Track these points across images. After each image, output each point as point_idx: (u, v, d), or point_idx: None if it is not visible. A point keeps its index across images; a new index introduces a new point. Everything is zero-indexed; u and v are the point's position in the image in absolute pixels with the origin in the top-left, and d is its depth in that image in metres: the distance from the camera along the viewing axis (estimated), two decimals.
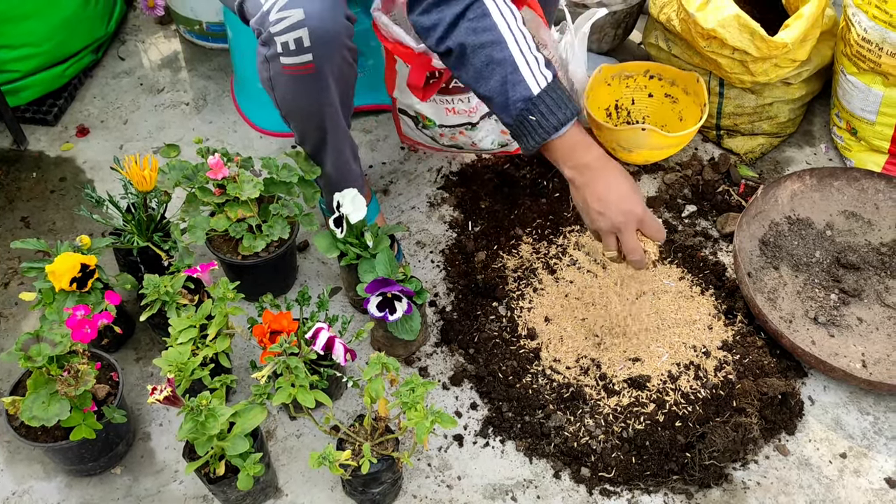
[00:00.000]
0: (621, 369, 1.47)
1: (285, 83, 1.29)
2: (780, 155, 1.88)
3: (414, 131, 1.67)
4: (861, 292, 1.56)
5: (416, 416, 1.14)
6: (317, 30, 1.22)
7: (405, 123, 1.67)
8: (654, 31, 1.88)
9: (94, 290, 1.34)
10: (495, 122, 1.62)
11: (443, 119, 1.59)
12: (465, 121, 1.59)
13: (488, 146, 1.66)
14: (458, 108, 1.57)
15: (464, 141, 1.65)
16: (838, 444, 1.40)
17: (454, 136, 1.63)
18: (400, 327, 1.39)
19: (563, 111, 1.20)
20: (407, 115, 1.64)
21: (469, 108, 1.56)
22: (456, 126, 1.60)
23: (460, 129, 1.61)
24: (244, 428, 1.18)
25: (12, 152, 1.89)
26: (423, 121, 1.61)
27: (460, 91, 1.53)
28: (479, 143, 1.64)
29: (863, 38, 1.62)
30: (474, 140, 1.64)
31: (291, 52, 1.23)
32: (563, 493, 1.33)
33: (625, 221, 1.24)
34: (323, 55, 1.25)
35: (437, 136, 1.65)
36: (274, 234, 1.45)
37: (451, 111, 1.57)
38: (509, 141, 1.65)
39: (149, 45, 2.17)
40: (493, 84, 1.20)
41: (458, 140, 1.65)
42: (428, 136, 1.66)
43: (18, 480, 1.36)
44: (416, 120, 1.63)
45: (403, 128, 1.69)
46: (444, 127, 1.61)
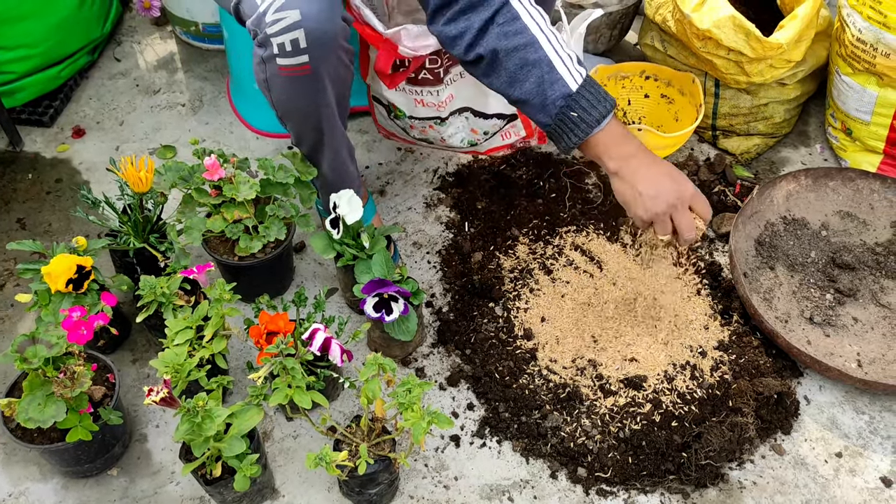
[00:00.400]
0: (617, 369, 1.47)
1: (282, 84, 1.29)
2: (776, 155, 1.88)
3: (387, 121, 1.67)
4: (856, 292, 1.56)
5: (413, 416, 1.14)
6: (313, 31, 1.22)
7: (379, 112, 1.67)
8: (649, 31, 1.89)
9: (90, 291, 1.33)
10: (465, 119, 1.60)
11: (412, 110, 1.57)
12: (434, 115, 1.57)
13: (457, 144, 1.64)
14: (426, 101, 1.54)
15: (433, 135, 1.63)
16: (834, 444, 1.40)
17: (424, 130, 1.62)
18: (396, 328, 1.39)
19: (602, 104, 1.19)
20: (380, 104, 1.63)
21: (437, 102, 1.54)
22: (425, 119, 1.59)
23: (429, 123, 1.60)
24: (241, 429, 1.18)
25: (8, 154, 1.89)
26: (394, 110, 1.60)
27: (429, 83, 1.51)
28: (448, 139, 1.63)
29: (857, 39, 1.62)
30: (443, 136, 1.62)
31: (288, 54, 1.23)
32: (560, 493, 1.34)
33: (680, 199, 1.23)
34: (319, 56, 1.25)
35: (408, 128, 1.63)
36: (270, 235, 1.45)
37: (420, 103, 1.55)
38: (479, 140, 1.64)
39: (145, 47, 2.17)
40: (529, 86, 1.19)
41: (427, 134, 1.63)
42: (399, 126, 1.65)
43: (14, 482, 1.36)
44: (388, 109, 1.62)
45: (378, 117, 1.68)
46: (413, 119, 1.59)
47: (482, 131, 1.62)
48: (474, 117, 1.60)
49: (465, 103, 1.57)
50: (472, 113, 1.59)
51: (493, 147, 1.68)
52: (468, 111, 1.58)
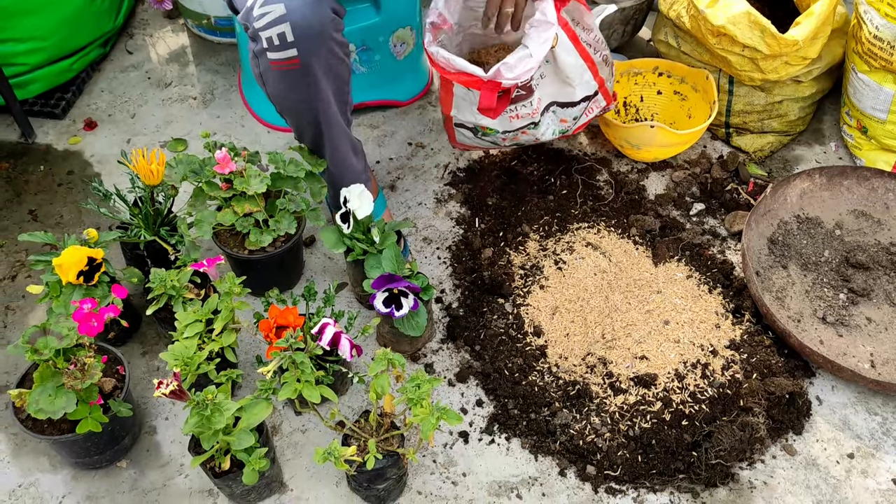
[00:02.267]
0: (628, 367, 1.46)
1: (274, 78, 1.29)
2: (790, 153, 1.87)
3: (472, 140, 1.66)
4: (870, 292, 1.55)
5: (422, 412, 1.13)
6: (299, 24, 1.22)
7: (461, 134, 1.65)
8: (663, 27, 1.87)
9: (100, 283, 1.34)
10: (553, 113, 1.60)
11: (506, 126, 1.58)
12: (528, 122, 1.58)
13: (550, 137, 1.65)
14: (521, 114, 1.55)
15: (526, 139, 1.64)
16: (846, 445, 1.39)
17: (516, 137, 1.63)
18: (406, 323, 1.39)
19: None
20: (464, 128, 1.63)
21: (532, 111, 1.55)
22: (519, 129, 1.60)
23: (522, 130, 1.60)
24: (250, 423, 1.18)
25: (20, 145, 1.90)
26: (483, 130, 1.60)
27: (523, 98, 1.52)
28: (541, 137, 1.63)
29: (874, 36, 1.60)
30: (537, 136, 1.63)
31: (276, 48, 1.23)
32: (569, 490, 1.33)
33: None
34: (308, 50, 1.25)
35: (499, 141, 1.64)
36: (280, 228, 1.45)
37: (516, 117, 1.56)
38: (569, 127, 1.64)
39: (157, 39, 2.17)
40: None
41: (519, 139, 1.64)
42: (488, 141, 1.65)
43: (25, 473, 1.36)
44: (474, 131, 1.62)
45: (459, 137, 1.67)
46: (506, 132, 1.60)
47: (571, 118, 1.62)
48: (562, 109, 1.60)
49: (551, 99, 1.57)
50: (559, 105, 1.59)
51: (581, 125, 1.68)
52: (554, 104, 1.58)
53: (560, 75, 1.52)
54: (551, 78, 1.53)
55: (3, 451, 1.39)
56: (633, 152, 1.78)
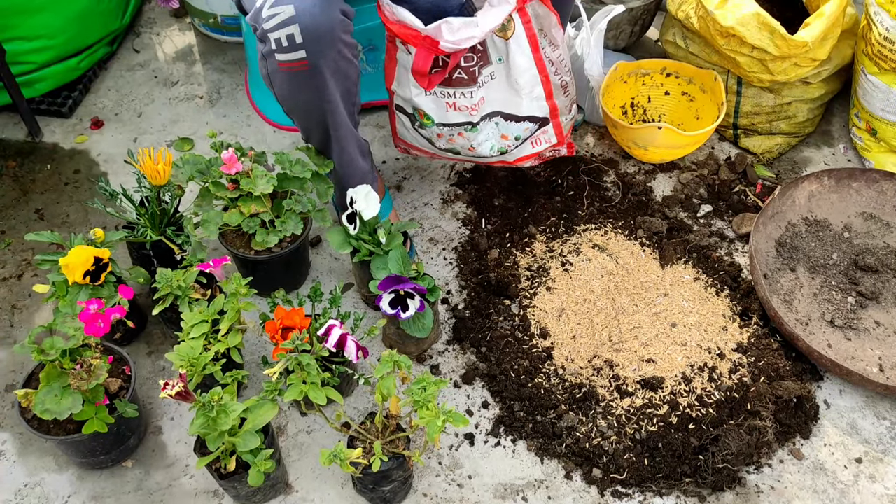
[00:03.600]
0: (634, 370, 1.45)
1: (282, 80, 1.29)
2: (798, 155, 1.86)
3: (410, 132, 1.60)
4: (879, 295, 1.54)
5: (428, 414, 1.13)
6: (308, 26, 1.21)
7: (401, 123, 1.60)
8: (671, 28, 1.86)
9: (107, 283, 1.34)
10: (496, 125, 1.54)
11: (442, 116, 1.51)
12: (466, 119, 1.51)
13: (486, 152, 1.57)
14: (459, 104, 1.49)
15: (462, 144, 1.56)
16: (854, 449, 1.38)
17: (452, 138, 1.55)
18: (412, 325, 1.38)
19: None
20: (404, 113, 1.56)
21: (471, 105, 1.49)
22: (455, 125, 1.52)
23: (459, 131, 1.53)
24: (255, 424, 1.17)
25: (27, 144, 1.90)
26: (420, 118, 1.53)
27: (464, 83, 1.47)
28: (477, 147, 1.56)
29: (885, 38, 1.59)
30: (473, 143, 1.55)
31: (285, 49, 1.23)
32: (575, 493, 1.33)
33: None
34: (316, 51, 1.24)
35: (434, 138, 1.56)
36: (287, 229, 1.45)
37: (452, 106, 1.49)
38: (509, 147, 1.58)
39: (163, 38, 2.17)
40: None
41: (455, 143, 1.56)
42: (424, 137, 1.57)
43: (30, 472, 1.36)
44: (412, 118, 1.55)
45: (399, 128, 1.62)
46: (442, 126, 1.53)
47: (513, 136, 1.56)
48: (505, 121, 1.53)
49: (496, 107, 1.51)
50: (503, 117, 1.53)
51: (523, 156, 1.62)
52: (499, 115, 1.52)
53: (510, 80, 1.47)
54: (501, 83, 1.48)
55: (9, 451, 1.39)
56: (640, 153, 1.78)
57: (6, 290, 1.61)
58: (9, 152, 1.88)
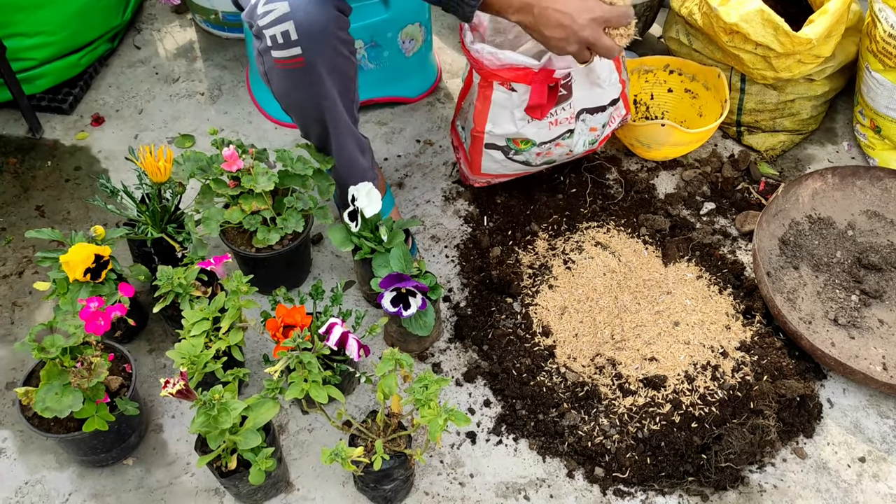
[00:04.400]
0: (637, 369, 1.45)
1: (279, 77, 1.29)
2: (802, 152, 1.85)
3: (500, 164, 1.58)
4: (882, 294, 1.53)
5: (430, 413, 1.12)
6: (303, 22, 1.21)
7: (489, 158, 1.57)
8: (674, 25, 1.85)
9: (107, 280, 1.33)
10: (583, 122, 1.55)
11: (543, 136, 1.52)
12: (566, 129, 1.53)
13: (581, 149, 1.60)
14: (560, 118, 1.50)
15: (559, 152, 1.58)
16: (857, 448, 1.37)
17: (549, 151, 1.56)
18: (414, 323, 1.38)
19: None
20: (495, 149, 1.54)
21: (569, 115, 1.51)
22: (554, 139, 1.54)
23: (557, 141, 1.55)
24: (256, 422, 1.17)
25: (27, 140, 1.89)
26: (516, 147, 1.53)
27: (564, 99, 1.48)
28: (574, 148, 1.58)
29: (889, 35, 1.58)
30: (571, 147, 1.58)
31: (280, 46, 1.23)
32: (577, 492, 1.32)
33: (591, 33, 1.21)
34: (312, 48, 1.24)
35: (532, 158, 1.56)
36: (288, 226, 1.44)
37: (555, 123, 1.51)
38: (597, 137, 1.60)
39: (164, 35, 2.16)
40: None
41: (553, 154, 1.58)
42: (519, 161, 1.57)
43: (31, 470, 1.36)
44: (505, 150, 1.54)
45: (485, 164, 1.58)
46: (542, 144, 1.53)
47: (600, 125, 1.58)
48: (591, 115, 1.55)
49: (581, 105, 1.52)
50: (588, 112, 1.54)
51: (604, 137, 1.64)
52: (584, 112, 1.54)
53: (591, 76, 1.48)
54: (581, 81, 1.49)
55: (9, 449, 1.39)
56: (643, 151, 1.77)
57: (7, 288, 1.61)
58: (9, 149, 1.87)
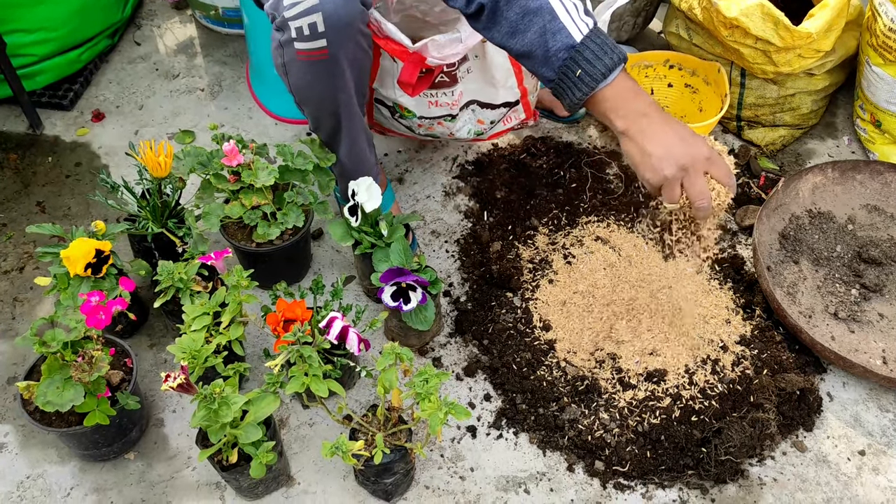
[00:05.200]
0: (637, 363, 1.45)
1: (299, 69, 1.28)
2: (802, 147, 1.85)
3: (388, 120, 1.65)
4: (882, 288, 1.53)
5: (430, 406, 1.13)
6: (331, 15, 1.20)
7: (379, 112, 1.64)
8: (674, 19, 1.85)
9: (108, 275, 1.34)
10: (472, 112, 1.60)
11: (424, 111, 1.56)
12: (446, 112, 1.56)
13: (464, 136, 1.63)
14: (440, 101, 1.54)
15: (441, 131, 1.62)
16: (857, 442, 1.38)
17: (431, 127, 1.61)
18: (414, 317, 1.38)
19: (610, 56, 1.10)
20: (383, 105, 1.61)
21: (451, 101, 1.54)
22: (435, 118, 1.58)
23: (439, 120, 1.59)
24: (257, 416, 1.17)
25: (28, 137, 1.89)
26: (401, 111, 1.58)
27: (445, 85, 1.52)
28: (456, 132, 1.62)
29: (889, 29, 1.58)
30: (452, 130, 1.61)
31: (305, 38, 1.22)
32: (577, 486, 1.32)
33: (692, 162, 1.13)
34: (337, 41, 1.23)
35: (415, 127, 1.62)
36: (288, 221, 1.44)
37: (434, 104, 1.55)
38: (485, 130, 1.63)
39: (164, 31, 2.16)
40: (531, 36, 1.12)
41: (434, 130, 1.62)
42: (404, 125, 1.63)
43: (33, 464, 1.36)
44: (392, 110, 1.60)
45: (376, 115, 1.66)
46: (423, 118, 1.58)
47: (489, 121, 1.62)
48: (481, 108, 1.60)
49: (472, 97, 1.57)
50: (479, 105, 1.59)
51: (496, 133, 1.68)
52: (475, 104, 1.59)
53: (486, 74, 1.52)
54: (477, 75, 1.53)
55: (11, 443, 1.39)
56: None
57: (8, 283, 1.61)
58: (10, 145, 1.87)
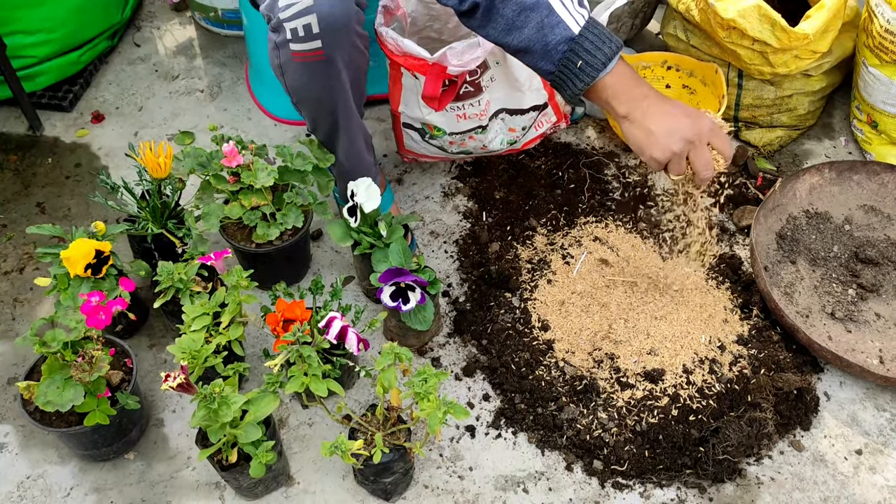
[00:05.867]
0: (635, 362, 1.46)
1: (295, 70, 1.29)
2: (799, 148, 1.86)
3: (419, 144, 1.65)
4: (879, 287, 1.54)
5: (429, 406, 1.13)
6: (326, 16, 1.21)
7: (409, 137, 1.64)
8: (672, 21, 1.86)
9: (108, 276, 1.34)
10: (502, 121, 1.59)
11: (453, 127, 1.57)
12: (476, 125, 1.57)
13: (497, 146, 1.64)
14: (468, 113, 1.54)
15: (473, 145, 1.62)
16: (854, 441, 1.38)
17: (463, 142, 1.61)
18: (413, 317, 1.39)
19: (608, 46, 1.13)
20: (412, 129, 1.61)
21: (479, 112, 1.54)
22: (466, 132, 1.58)
23: (470, 134, 1.59)
24: (257, 416, 1.18)
25: (28, 138, 1.90)
26: (430, 132, 1.59)
27: (471, 95, 1.52)
28: (489, 144, 1.62)
29: (885, 30, 1.59)
30: (484, 143, 1.61)
31: (300, 39, 1.23)
32: (575, 485, 1.33)
33: (697, 135, 1.17)
34: (332, 42, 1.24)
35: (446, 145, 1.62)
36: (288, 222, 1.45)
37: (462, 117, 1.55)
38: (517, 138, 1.64)
39: (164, 32, 2.17)
40: (529, 32, 1.14)
41: (467, 145, 1.62)
42: (435, 146, 1.63)
43: (33, 465, 1.37)
44: (422, 132, 1.61)
45: (406, 142, 1.66)
46: (454, 134, 1.58)
47: (520, 127, 1.62)
48: (510, 116, 1.59)
49: (500, 105, 1.56)
50: (508, 112, 1.58)
51: (530, 140, 1.68)
52: (504, 111, 1.58)
53: (510, 79, 1.52)
54: (502, 82, 1.52)
55: (11, 443, 1.39)
56: None
57: (8, 284, 1.62)
58: (10, 146, 1.88)
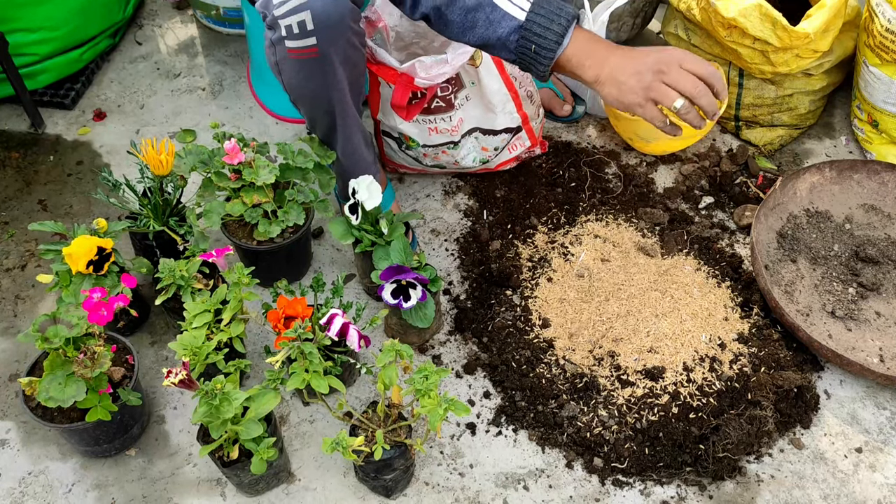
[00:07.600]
0: (636, 360, 1.46)
1: (291, 67, 1.29)
2: (800, 147, 1.86)
3: (397, 154, 1.68)
4: (879, 286, 1.54)
5: (430, 403, 1.13)
6: (320, 13, 1.21)
7: (388, 146, 1.68)
8: (673, 20, 1.86)
9: (110, 273, 1.34)
10: (475, 139, 1.63)
11: (426, 139, 1.61)
12: (448, 140, 1.61)
13: (470, 164, 1.67)
14: (440, 128, 1.58)
15: (446, 160, 1.66)
16: (854, 439, 1.38)
17: (437, 156, 1.65)
18: (414, 315, 1.39)
19: (557, 22, 1.14)
20: (390, 138, 1.65)
21: (451, 127, 1.58)
22: (438, 146, 1.62)
23: (442, 149, 1.63)
24: (258, 412, 1.18)
25: (30, 136, 1.90)
26: (406, 142, 1.62)
27: (442, 110, 1.56)
28: (461, 161, 1.66)
29: (886, 29, 1.59)
30: (456, 158, 1.65)
31: (295, 36, 1.23)
32: (576, 482, 1.33)
33: (665, 63, 1.14)
34: (327, 38, 1.24)
35: (421, 157, 1.66)
36: (289, 219, 1.45)
37: (434, 130, 1.59)
38: (490, 157, 1.67)
39: (166, 30, 2.17)
40: (480, 31, 1.18)
41: (440, 160, 1.66)
42: (411, 157, 1.67)
43: (34, 461, 1.37)
44: (399, 142, 1.64)
45: (387, 150, 1.70)
46: (427, 147, 1.62)
47: (492, 147, 1.65)
48: (483, 135, 1.63)
49: (474, 124, 1.61)
50: (481, 132, 1.62)
51: (503, 161, 1.71)
52: (477, 131, 1.62)
53: (484, 100, 1.57)
54: (476, 102, 1.57)
55: (13, 440, 1.40)
56: (642, 145, 1.78)
57: (10, 281, 1.62)
58: (12, 144, 1.88)
